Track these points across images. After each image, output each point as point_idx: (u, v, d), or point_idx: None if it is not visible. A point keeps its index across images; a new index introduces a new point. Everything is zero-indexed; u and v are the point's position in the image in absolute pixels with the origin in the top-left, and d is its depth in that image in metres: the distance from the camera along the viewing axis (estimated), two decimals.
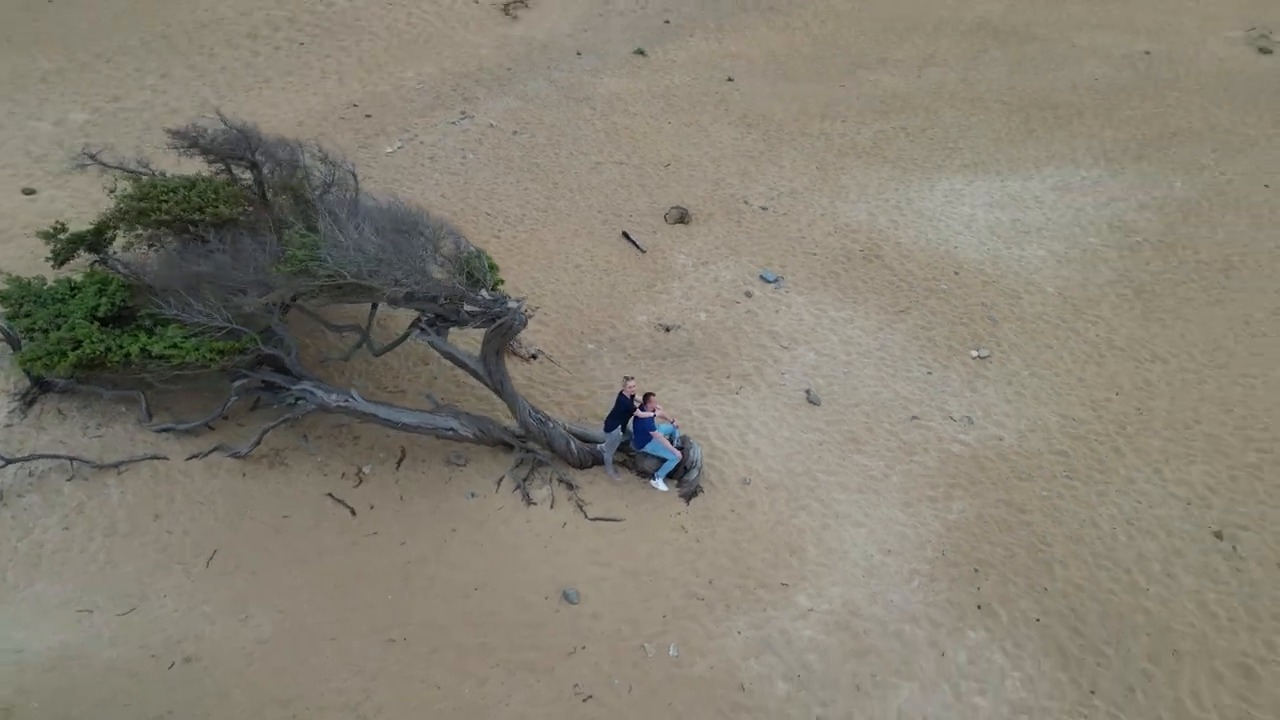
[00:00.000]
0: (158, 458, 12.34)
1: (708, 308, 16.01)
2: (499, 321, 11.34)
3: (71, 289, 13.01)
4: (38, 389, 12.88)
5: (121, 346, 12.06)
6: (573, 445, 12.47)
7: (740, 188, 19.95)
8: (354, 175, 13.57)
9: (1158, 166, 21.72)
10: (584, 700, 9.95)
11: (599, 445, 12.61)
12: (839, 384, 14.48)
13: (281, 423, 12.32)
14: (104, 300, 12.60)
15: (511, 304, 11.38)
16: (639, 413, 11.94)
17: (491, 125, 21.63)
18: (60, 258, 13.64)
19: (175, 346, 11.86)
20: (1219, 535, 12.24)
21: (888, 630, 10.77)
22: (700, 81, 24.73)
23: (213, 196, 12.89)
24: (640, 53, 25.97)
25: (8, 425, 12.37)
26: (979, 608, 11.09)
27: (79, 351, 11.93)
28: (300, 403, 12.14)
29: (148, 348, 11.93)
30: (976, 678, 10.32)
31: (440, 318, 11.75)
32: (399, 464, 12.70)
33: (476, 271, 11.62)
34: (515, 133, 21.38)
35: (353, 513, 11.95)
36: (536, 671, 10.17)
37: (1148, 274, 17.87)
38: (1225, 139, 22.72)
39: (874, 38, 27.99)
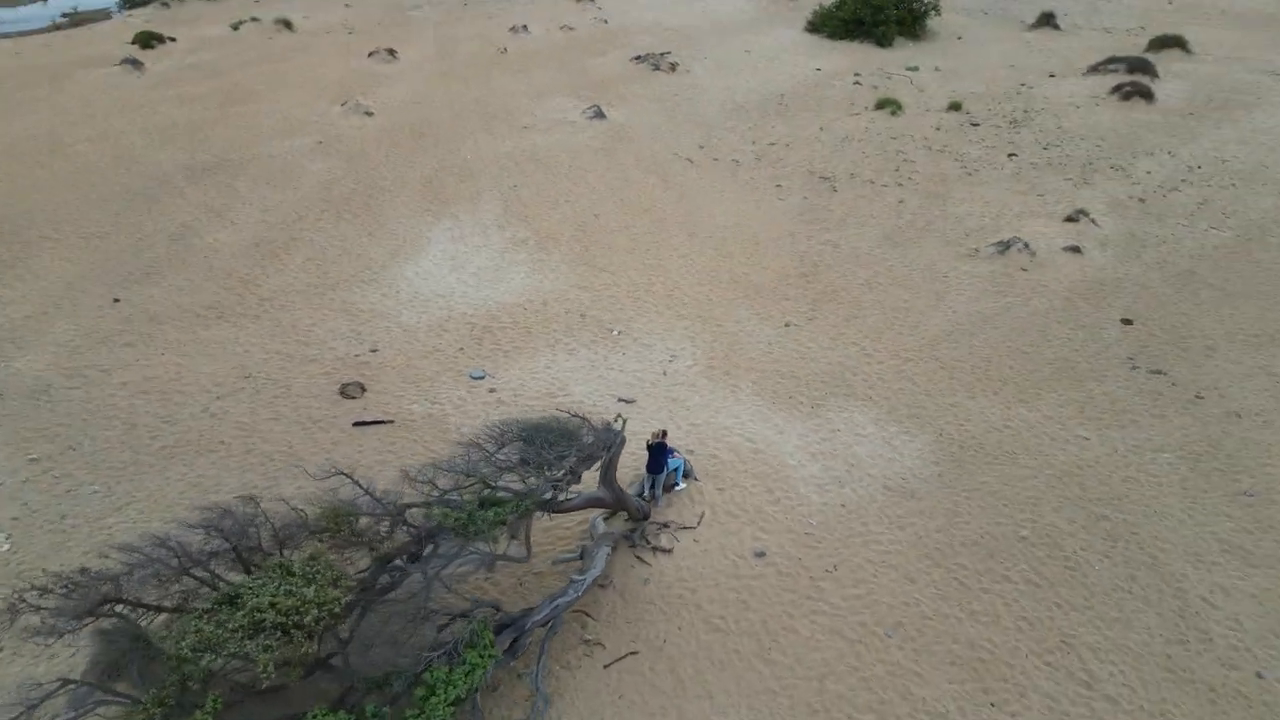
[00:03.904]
0: None
1: (495, 411, 19.30)
2: (614, 446, 14.49)
3: None
4: None
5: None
6: (648, 506, 16.24)
7: (335, 350, 21.47)
8: (347, 475, 13.04)
9: (451, 205, 30.28)
10: (833, 570, 15.76)
11: (648, 492, 16.58)
12: (619, 388, 20.38)
13: (543, 652, 12.95)
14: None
15: (615, 426, 14.59)
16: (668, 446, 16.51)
17: (33, 461, 17.49)
18: None
19: (479, 656, 11.50)
20: (787, 325, 23.37)
21: (823, 439, 18.89)
22: (107, 315, 22.76)
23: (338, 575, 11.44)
24: None
25: None
26: (814, 405, 20.02)
27: None
28: (554, 622, 13.05)
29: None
30: (855, 425, 19.45)
31: (570, 476, 14.04)
32: (589, 617, 14.47)
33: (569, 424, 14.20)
34: (72, 448, 17.88)
35: (634, 653, 13.89)
36: (812, 582, 15.38)
37: (575, 250, 27.05)
38: (451, 175, 32.52)
39: (134, 213, 28.37)
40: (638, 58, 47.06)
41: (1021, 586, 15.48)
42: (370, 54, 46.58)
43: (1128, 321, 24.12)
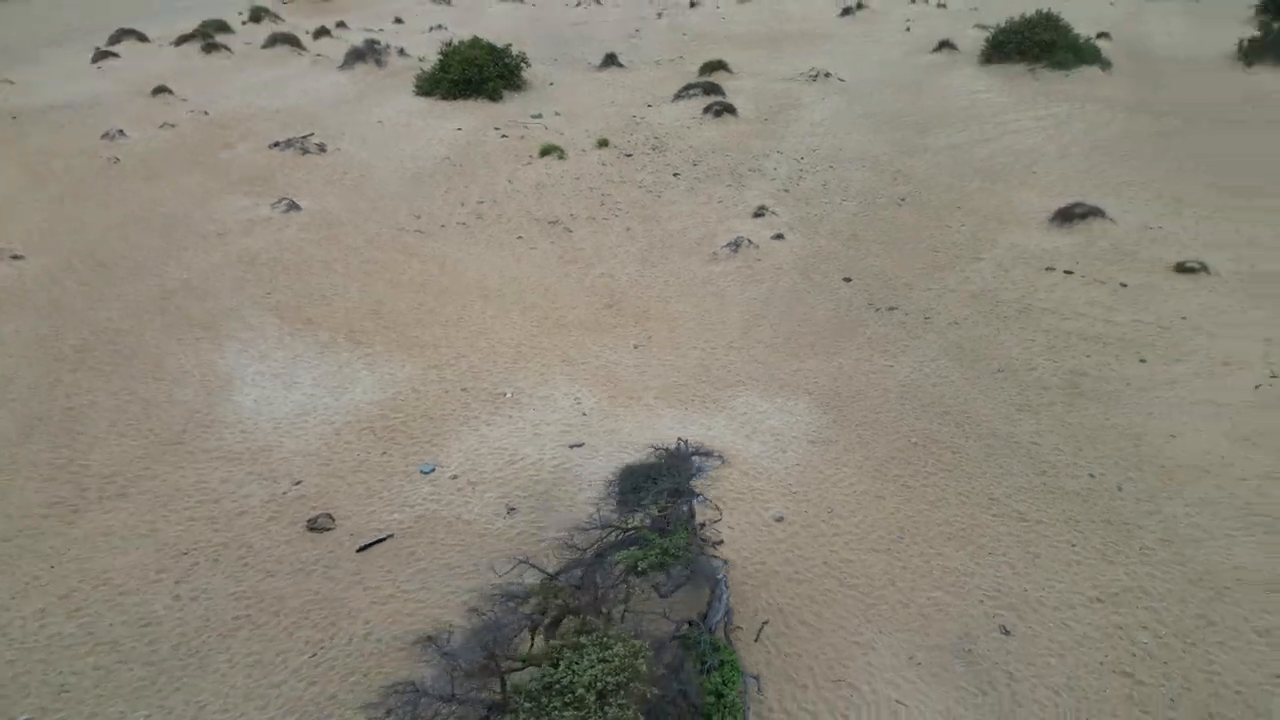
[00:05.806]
0: None
1: (473, 494, 19.98)
2: (691, 464, 16.94)
3: None
4: None
5: None
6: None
7: (256, 497, 19.91)
8: (528, 562, 13.93)
9: (219, 327, 28.52)
10: (831, 511, 19.87)
11: None
12: (559, 438, 22.09)
13: (729, 642, 15.16)
14: None
15: (682, 449, 16.97)
16: None
17: None
18: None
19: (729, 654, 13.53)
20: (636, 347, 26.71)
21: (741, 423, 22.72)
22: None
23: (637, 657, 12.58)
24: None
25: None
26: (714, 401, 23.77)
27: None
28: (728, 616, 15.27)
29: None
30: (752, 405, 23.62)
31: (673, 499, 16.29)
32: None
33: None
34: (65, 690, 15.13)
35: (766, 621, 16.60)
36: (827, 524, 19.31)
37: (391, 337, 27.35)
38: (186, 298, 30.26)
39: None
40: (277, 144, 45.77)
41: (940, 475, 20.93)
42: None
43: (848, 280, 31.42)
